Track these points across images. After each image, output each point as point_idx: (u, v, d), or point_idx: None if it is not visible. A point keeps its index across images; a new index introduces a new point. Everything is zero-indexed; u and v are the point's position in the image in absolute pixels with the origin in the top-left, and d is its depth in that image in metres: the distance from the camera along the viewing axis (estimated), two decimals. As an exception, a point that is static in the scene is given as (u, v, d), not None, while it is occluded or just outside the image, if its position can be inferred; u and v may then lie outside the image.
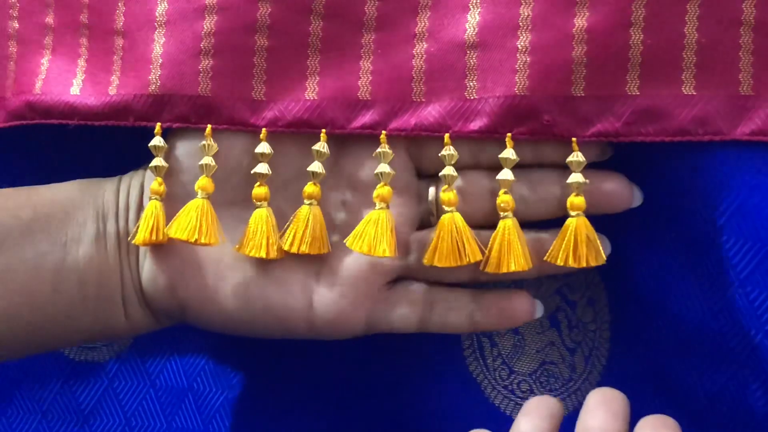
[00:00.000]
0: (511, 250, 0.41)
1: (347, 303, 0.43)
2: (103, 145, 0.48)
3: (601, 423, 0.37)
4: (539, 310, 0.44)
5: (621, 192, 0.42)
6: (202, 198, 0.43)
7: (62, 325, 0.44)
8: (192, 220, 0.42)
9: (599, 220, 0.42)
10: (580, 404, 0.46)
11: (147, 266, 0.44)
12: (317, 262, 0.43)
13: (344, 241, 0.43)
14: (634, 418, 0.38)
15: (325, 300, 0.43)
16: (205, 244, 0.43)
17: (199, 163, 0.43)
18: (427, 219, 0.44)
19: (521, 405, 0.47)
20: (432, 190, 0.43)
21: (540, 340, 0.48)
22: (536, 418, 0.38)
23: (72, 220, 0.44)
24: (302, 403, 0.50)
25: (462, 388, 0.48)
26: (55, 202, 0.44)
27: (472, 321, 0.43)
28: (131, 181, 0.45)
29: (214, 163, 0.43)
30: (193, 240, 0.42)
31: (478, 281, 0.44)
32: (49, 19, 0.47)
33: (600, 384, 0.47)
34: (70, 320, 0.43)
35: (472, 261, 0.41)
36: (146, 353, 0.52)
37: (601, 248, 0.41)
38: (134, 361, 0.52)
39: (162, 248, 0.44)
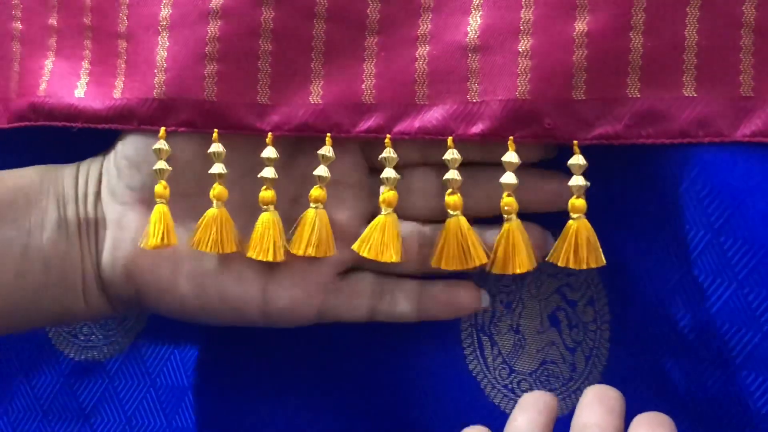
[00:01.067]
0: (516, 251, 0.42)
1: (299, 293, 0.44)
2: (104, 146, 0.48)
3: (597, 419, 0.37)
4: (485, 300, 0.45)
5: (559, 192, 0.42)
6: (218, 208, 0.43)
7: (24, 309, 0.44)
8: (213, 232, 0.43)
9: (598, 221, 0.42)
10: (580, 404, 0.47)
11: (106, 253, 0.44)
12: None
13: (352, 247, 0.43)
14: (633, 418, 0.38)
15: (278, 290, 0.44)
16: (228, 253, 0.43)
17: (211, 171, 0.43)
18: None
19: None
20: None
21: (540, 339, 0.48)
22: (532, 412, 0.39)
23: (35, 206, 0.44)
24: (301, 402, 0.50)
25: (462, 387, 0.48)
26: (17, 189, 0.45)
27: (419, 310, 0.44)
28: (90, 168, 0.46)
29: (225, 170, 0.43)
30: (216, 251, 0.43)
31: (426, 272, 0.44)
32: (53, 21, 0.47)
33: (601, 383, 0.46)
34: (33, 305, 0.44)
35: (478, 264, 0.42)
36: (147, 352, 0.52)
37: (600, 251, 0.41)
38: (135, 359, 0.52)
39: (120, 236, 0.44)
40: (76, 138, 0.46)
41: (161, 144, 0.43)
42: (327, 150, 0.43)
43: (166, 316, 0.46)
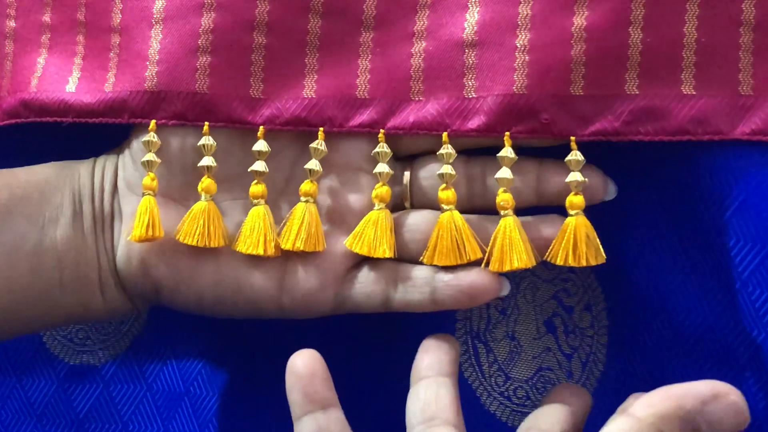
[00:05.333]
0: (513, 247, 0.41)
1: (316, 284, 0.43)
2: (100, 142, 0.48)
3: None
4: (505, 288, 0.43)
5: (597, 184, 0.41)
6: (206, 200, 0.43)
7: (40, 307, 0.44)
8: (200, 225, 0.43)
9: (597, 224, 0.41)
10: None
11: (121, 248, 0.44)
12: None
13: (344, 242, 0.43)
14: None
15: (294, 281, 0.43)
16: (213, 246, 0.43)
17: (200, 164, 0.43)
18: (401, 201, 0.44)
19: (518, 412, 0.48)
20: (407, 174, 0.43)
21: (536, 345, 0.48)
22: (436, 352, 0.40)
23: (48, 201, 0.44)
24: None
25: None
26: (31, 184, 0.44)
27: (434, 299, 0.43)
28: (106, 162, 0.46)
29: (215, 164, 0.43)
30: (202, 245, 0.43)
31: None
32: (47, 18, 0.47)
33: (598, 390, 0.47)
34: (47, 302, 0.44)
35: (472, 259, 0.41)
36: (143, 356, 0.51)
37: (600, 247, 0.41)
38: (130, 364, 0.51)
39: None
40: (76, 136, 0.47)
41: (151, 136, 0.43)
42: (319, 144, 0.42)
43: (182, 310, 0.45)
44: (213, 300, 0.44)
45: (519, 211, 0.42)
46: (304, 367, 0.39)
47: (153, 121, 0.43)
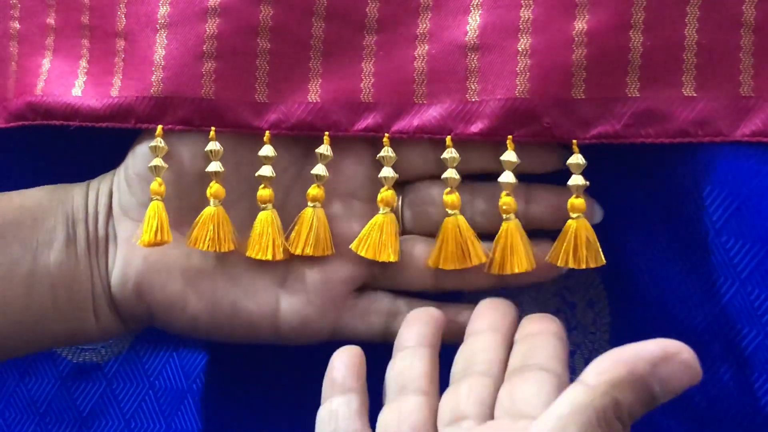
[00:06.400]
0: (514, 251, 0.41)
1: (313, 310, 0.43)
2: (104, 146, 0.48)
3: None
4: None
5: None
6: (215, 206, 0.43)
7: (34, 330, 0.44)
8: (210, 230, 0.43)
9: (599, 222, 0.42)
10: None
11: (116, 271, 0.44)
12: (284, 269, 0.44)
13: (350, 246, 0.43)
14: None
15: (291, 307, 0.43)
16: (224, 252, 0.43)
17: (208, 169, 0.43)
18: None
19: None
20: (398, 200, 0.43)
21: None
22: (418, 325, 0.40)
23: (41, 225, 0.44)
24: (300, 406, 0.47)
25: None
26: (24, 208, 0.44)
27: None
28: (99, 186, 0.45)
29: (222, 169, 0.43)
30: (213, 250, 0.43)
31: (444, 289, 0.44)
32: (51, 20, 0.47)
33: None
34: (41, 325, 0.44)
35: (476, 263, 0.42)
36: (145, 354, 0.51)
37: (600, 250, 0.41)
38: (133, 362, 0.51)
39: (131, 253, 0.44)
40: (77, 139, 0.46)
41: (158, 142, 0.43)
42: (325, 149, 0.43)
43: (179, 334, 0.46)
44: (208, 325, 0.44)
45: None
46: (334, 359, 0.39)
47: (159, 127, 0.43)
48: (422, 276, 0.43)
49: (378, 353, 0.48)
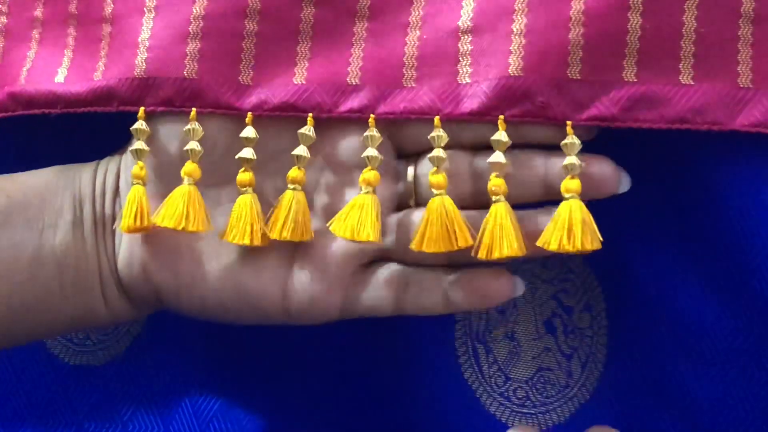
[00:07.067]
0: (504, 234, 0.40)
1: (322, 288, 0.42)
2: (93, 133, 0.48)
3: None
4: (519, 288, 0.42)
5: (608, 176, 0.40)
6: (189, 184, 0.42)
7: (41, 313, 0.43)
8: (179, 207, 0.42)
9: (597, 221, 0.40)
10: (577, 411, 0.46)
11: (122, 252, 0.44)
12: (291, 247, 0.43)
13: (327, 225, 0.42)
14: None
15: (299, 285, 0.42)
16: (192, 231, 0.42)
17: (185, 147, 0.42)
18: (406, 200, 0.43)
19: (517, 412, 0.47)
20: (411, 170, 0.43)
21: (536, 346, 0.47)
22: None
23: (48, 206, 0.44)
24: (297, 409, 0.49)
25: (457, 395, 0.48)
26: (31, 188, 0.44)
27: (447, 301, 0.42)
28: (108, 166, 0.45)
29: (200, 148, 0.42)
30: (180, 227, 0.42)
31: (457, 263, 0.43)
32: (38, 13, 0.47)
33: (597, 390, 0.46)
34: (48, 308, 0.43)
35: (463, 246, 0.40)
36: (142, 357, 0.51)
37: (597, 232, 0.39)
38: (130, 364, 0.51)
39: (137, 234, 0.43)
40: (66, 128, 0.46)
41: (139, 124, 0.43)
42: (307, 129, 0.42)
43: (187, 315, 0.45)
44: (216, 305, 0.43)
45: (526, 205, 0.41)
46: None
47: (141, 109, 0.43)
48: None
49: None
